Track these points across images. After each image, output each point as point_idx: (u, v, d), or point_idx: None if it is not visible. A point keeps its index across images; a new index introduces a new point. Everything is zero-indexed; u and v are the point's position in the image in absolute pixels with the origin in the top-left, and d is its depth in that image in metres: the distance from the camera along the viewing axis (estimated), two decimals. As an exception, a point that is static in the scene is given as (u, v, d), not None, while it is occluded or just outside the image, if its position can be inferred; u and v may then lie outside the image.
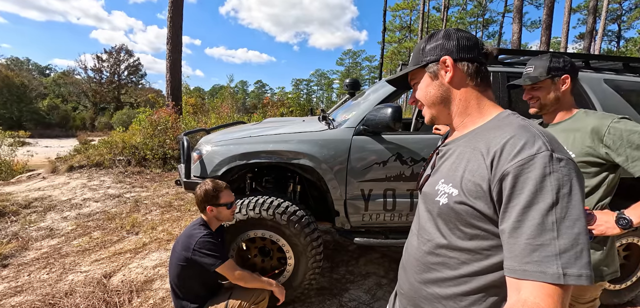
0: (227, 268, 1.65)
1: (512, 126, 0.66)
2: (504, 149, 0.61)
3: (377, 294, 2.49)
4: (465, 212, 0.66)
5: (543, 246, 0.54)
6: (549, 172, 0.56)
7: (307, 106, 16.17)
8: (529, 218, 0.55)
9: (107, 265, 2.86)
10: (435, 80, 0.78)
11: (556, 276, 0.52)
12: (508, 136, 0.63)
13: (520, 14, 12.11)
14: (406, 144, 2.22)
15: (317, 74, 72.53)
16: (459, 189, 0.67)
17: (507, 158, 0.60)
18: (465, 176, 0.67)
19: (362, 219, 2.31)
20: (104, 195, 4.97)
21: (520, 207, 0.57)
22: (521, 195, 0.57)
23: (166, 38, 9.63)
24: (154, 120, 7.17)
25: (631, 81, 2.49)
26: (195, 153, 2.37)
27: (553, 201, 0.54)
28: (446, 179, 0.72)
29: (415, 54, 0.83)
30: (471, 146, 0.70)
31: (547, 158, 0.57)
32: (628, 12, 28.75)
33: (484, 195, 0.63)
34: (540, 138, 0.60)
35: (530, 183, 0.56)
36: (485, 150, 0.65)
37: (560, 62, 1.29)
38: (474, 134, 0.73)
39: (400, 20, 32.89)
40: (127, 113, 29.01)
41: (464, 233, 0.68)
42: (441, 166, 0.78)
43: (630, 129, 1.14)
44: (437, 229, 0.74)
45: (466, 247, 0.68)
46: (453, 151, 0.76)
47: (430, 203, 0.76)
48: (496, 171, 0.61)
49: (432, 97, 0.79)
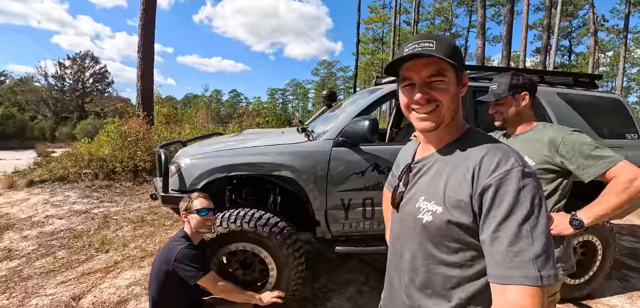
0: (209, 281, 1.64)
1: (484, 143, 0.71)
2: (482, 164, 0.66)
3: (358, 301, 2.55)
4: (450, 229, 0.69)
5: (521, 252, 0.59)
6: (523, 186, 0.62)
7: (283, 116, 16.18)
8: (507, 228, 0.60)
9: (75, 286, 2.70)
10: (457, 87, 0.74)
11: (536, 279, 0.58)
12: (483, 152, 0.68)
13: (484, 29, 12.95)
14: (383, 154, 2.32)
15: (292, 84, 72.67)
16: (443, 206, 0.69)
17: (485, 173, 0.65)
18: (447, 193, 0.69)
19: (343, 228, 2.37)
20: (69, 211, 4.67)
21: (499, 218, 0.62)
22: (500, 207, 0.62)
23: (137, 46, 9.31)
24: (123, 131, 6.87)
25: (579, 94, 2.77)
26: (173, 166, 2.33)
27: (528, 212, 0.60)
28: (427, 196, 0.73)
29: (442, 47, 0.69)
30: (450, 162, 0.73)
31: (521, 173, 0.63)
32: (577, 29, 31.59)
33: (467, 210, 0.67)
34: (511, 154, 0.67)
35: (508, 196, 0.61)
36: (465, 167, 0.68)
37: (520, 80, 1.43)
38: (449, 149, 0.75)
39: (373, 33, 33.94)
40: (92, 123, 27.39)
41: (448, 248, 0.71)
42: (417, 183, 0.79)
43: (581, 140, 1.29)
44: (420, 246, 0.75)
45: (451, 260, 0.71)
46: (429, 167, 0.77)
47: (410, 221, 0.77)
48: (477, 185, 0.65)
49: (455, 103, 0.74)
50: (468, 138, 0.75)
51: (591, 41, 22.64)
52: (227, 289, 1.71)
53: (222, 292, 1.70)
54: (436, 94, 0.71)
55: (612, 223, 2.67)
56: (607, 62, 32.83)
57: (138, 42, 9.32)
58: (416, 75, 0.72)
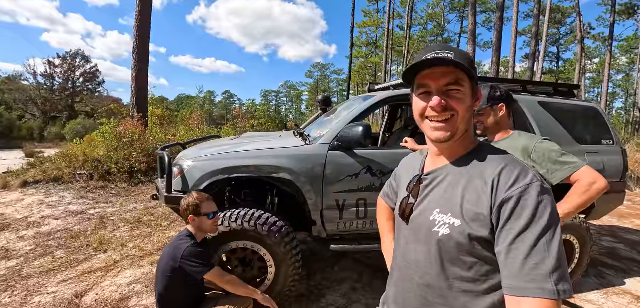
0: (215, 275, 1.75)
1: (499, 156, 0.72)
2: (501, 177, 0.67)
3: (352, 298, 2.68)
4: (468, 242, 0.68)
5: (538, 266, 0.59)
6: (542, 200, 0.63)
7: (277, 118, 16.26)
8: (525, 241, 0.61)
9: (77, 284, 2.77)
10: (472, 99, 0.75)
11: (552, 292, 0.58)
12: (502, 165, 0.69)
13: (474, 36, 13.28)
14: (375, 157, 2.47)
15: (286, 86, 72.73)
16: (461, 219, 0.69)
17: (505, 186, 0.65)
18: (465, 206, 0.69)
19: (337, 227, 2.50)
20: (65, 212, 4.70)
21: (517, 230, 0.62)
22: (519, 220, 0.62)
23: (132, 47, 9.33)
24: (119, 132, 6.89)
25: (559, 103, 2.96)
26: (176, 168, 2.43)
27: (545, 226, 0.61)
28: (442, 209, 0.72)
29: (463, 57, 0.72)
30: (465, 175, 0.72)
31: (540, 188, 0.64)
32: (565, 37, 32.44)
33: (486, 223, 0.66)
34: (529, 169, 0.68)
35: (528, 210, 0.62)
36: (482, 180, 0.69)
37: (497, 92, 1.59)
38: (463, 161, 0.75)
39: (367, 37, 34.31)
40: (83, 123, 26.99)
41: (464, 262, 0.70)
42: (430, 195, 0.77)
43: (550, 148, 1.46)
44: (436, 261, 0.73)
45: (466, 276, 0.70)
46: (442, 179, 0.76)
47: (424, 233, 0.75)
48: (497, 198, 0.65)
49: (469, 114, 0.75)
50: (482, 151, 0.75)
51: (578, 48, 23.29)
52: (232, 282, 1.82)
53: (227, 285, 1.81)
54: (453, 102, 0.71)
55: (588, 223, 2.86)
56: (594, 68, 33.83)
57: (133, 43, 9.34)
58: (434, 82, 0.72)
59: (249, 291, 1.89)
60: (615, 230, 4.87)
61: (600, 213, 3.04)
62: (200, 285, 1.87)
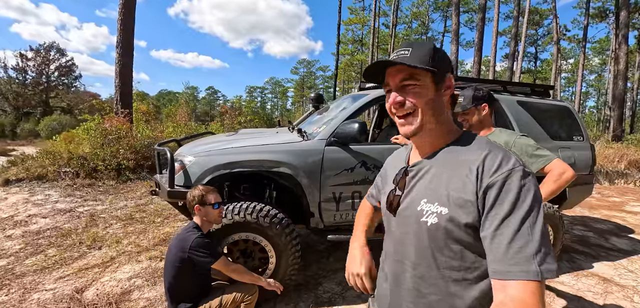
0: (222, 264, 1.85)
1: (483, 143, 0.74)
2: (485, 163, 0.68)
3: (347, 285, 2.83)
4: (455, 229, 0.69)
5: (522, 249, 0.60)
6: (524, 184, 0.64)
7: (264, 114, 16.24)
8: (509, 225, 0.62)
9: (75, 281, 2.78)
10: (439, 91, 0.76)
11: (536, 273, 0.59)
12: (485, 151, 0.70)
13: (457, 36, 13.70)
14: (370, 152, 2.62)
15: (271, 82, 72.22)
16: (448, 207, 0.70)
17: (489, 171, 0.67)
18: (451, 194, 0.70)
19: (334, 219, 2.64)
20: (52, 210, 4.62)
21: (502, 215, 0.63)
22: (503, 205, 0.64)
23: (116, 41, 9.08)
24: (105, 128, 6.77)
25: (535, 102, 3.21)
26: (177, 163, 2.49)
27: (528, 209, 0.62)
28: (429, 198, 0.73)
29: (418, 53, 0.74)
30: (449, 164, 0.74)
31: (522, 172, 0.65)
32: (542, 38, 33.85)
33: (472, 210, 0.67)
34: (512, 155, 0.70)
35: (511, 194, 0.63)
36: (467, 167, 0.70)
37: (480, 93, 1.76)
38: (447, 152, 0.77)
39: (353, 34, 34.58)
40: (58, 119, 25.92)
41: (453, 251, 0.71)
42: (416, 186, 0.78)
43: (526, 143, 1.65)
44: (426, 251, 0.74)
45: (456, 264, 0.71)
46: (426, 170, 0.77)
47: (412, 224, 0.76)
48: (481, 183, 0.67)
49: (434, 106, 0.76)
50: (464, 140, 0.77)
51: (554, 49, 24.40)
52: (238, 270, 1.93)
53: (233, 273, 1.91)
54: (410, 97, 0.74)
55: (562, 213, 3.12)
56: (569, 68, 35.49)
57: (117, 36, 9.10)
58: (391, 80, 0.77)
59: (254, 278, 2.00)
60: (586, 219, 5.26)
61: (571, 204, 3.32)
62: (208, 274, 1.96)
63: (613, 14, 21.00)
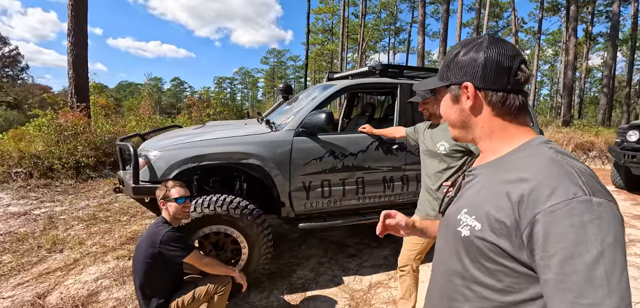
0: (195, 257, 1.86)
1: (542, 161, 0.60)
2: (535, 188, 0.56)
3: (319, 271, 2.94)
4: (487, 248, 0.62)
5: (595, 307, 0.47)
6: (590, 219, 0.50)
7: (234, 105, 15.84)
8: (574, 272, 0.49)
9: (36, 286, 2.64)
10: (455, 104, 0.73)
11: None
12: (538, 173, 0.58)
13: (424, 27, 14.15)
14: (337, 142, 2.71)
15: (241, 72, 70.43)
16: (483, 224, 0.63)
17: (538, 199, 0.54)
18: (490, 212, 0.62)
19: (305, 207, 2.71)
20: (4, 214, 4.29)
21: (560, 257, 0.50)
22: (559, 244, 0.51)
23: (67, 28, 8.40)
24: (59, 124, 6.31)
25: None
26: (142, 158, 2.43)
27: (598, 252, 0.48)
28: (469, 210, 0.68)
29: (443, 65, 0.75)
30: (496, 178, 0.66)
31: (586, 203, 0.51)
32: (502, 29, 35.74)
33: (508, 234, 0.58)
34: (576, 178, 0.54)
35: (571, 231, 0.50)
36: (512, 186, 0.60)
37: (438, 83, 1.89)
38: (499, 163, 0.68)
39: (323, 23, 34.44)
40: (4, 115, 23.63)
41: (485, 267, 0.64)
42: (465, 193, 0.74)
43: None
44: (456, 257, 0.71)
45: (486, 282, 0.64)
46: (478, 179, 0.72)
47: (450, 229, 0.73)
48: (526, 212, 0.55)
49: (453, 121, 0.75)
50: (522, 152, 0.66)
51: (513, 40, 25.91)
52: (211, 263, 1.94)
53: (207, 266, 1.93)
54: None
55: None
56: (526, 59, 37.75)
57: (68, 24, 8.41)
58: None
59: (227, 270, 2.03)
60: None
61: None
62: (180, 269, 1.96)
63: (564, 8, 22.70)
